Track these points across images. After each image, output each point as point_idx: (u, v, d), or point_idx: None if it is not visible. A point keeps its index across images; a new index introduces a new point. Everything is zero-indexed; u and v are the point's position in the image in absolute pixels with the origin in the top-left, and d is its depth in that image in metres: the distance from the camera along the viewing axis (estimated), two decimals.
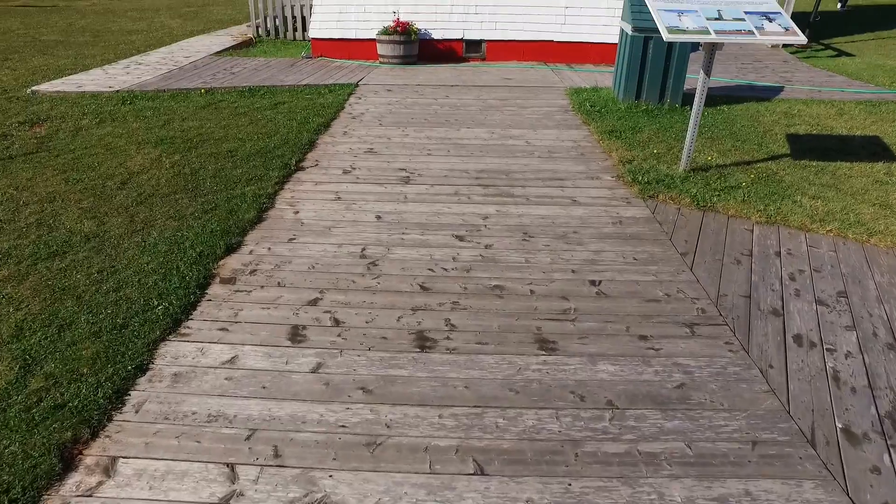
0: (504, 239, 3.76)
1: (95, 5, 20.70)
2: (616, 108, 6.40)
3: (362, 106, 6.63)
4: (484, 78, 8.07)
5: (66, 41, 12.24)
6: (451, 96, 7.03)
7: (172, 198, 4.32)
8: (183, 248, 3.61)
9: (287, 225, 3.94)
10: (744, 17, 3.98)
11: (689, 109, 6.46)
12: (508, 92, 7.29)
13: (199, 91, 7.40)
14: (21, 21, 15.53)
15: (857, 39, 13.47)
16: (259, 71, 8.59)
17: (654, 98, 6.50)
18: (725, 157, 5.14)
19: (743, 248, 3.73)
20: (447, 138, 5.55)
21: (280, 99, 6.93)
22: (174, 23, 15.30)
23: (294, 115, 6.22)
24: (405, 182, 4.57)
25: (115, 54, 10.52)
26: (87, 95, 7.38)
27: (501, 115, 6.27)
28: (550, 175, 4.73)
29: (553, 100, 6.97)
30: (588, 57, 9.39)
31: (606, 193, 4.44)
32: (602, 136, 5.57)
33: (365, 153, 5.19)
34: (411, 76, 8.16)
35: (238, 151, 5.21)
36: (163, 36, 12.80)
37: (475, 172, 4.76)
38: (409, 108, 6.52)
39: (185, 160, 5.06)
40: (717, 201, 4.28)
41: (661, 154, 5.12)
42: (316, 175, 4.72)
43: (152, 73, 8.60)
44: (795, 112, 6.68)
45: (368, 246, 3.66)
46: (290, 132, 5.67)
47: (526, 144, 5.43)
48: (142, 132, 5.91)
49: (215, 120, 6.22)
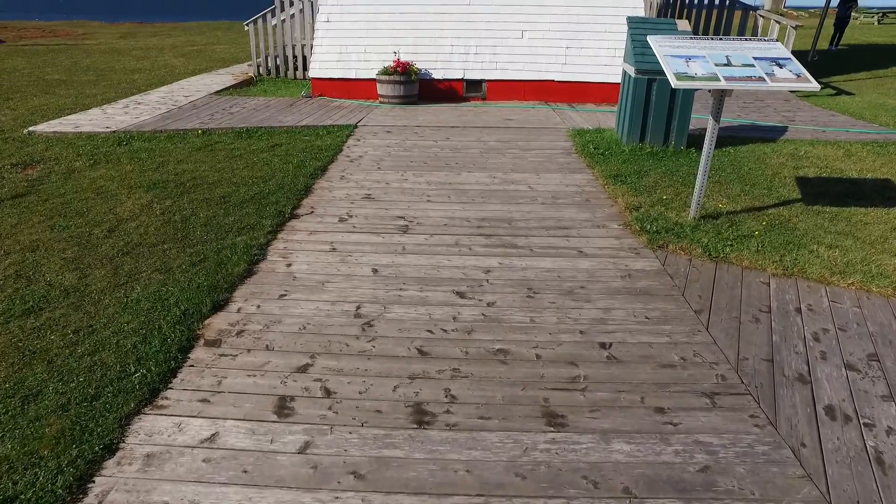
0: (507, 296, 3.55)
1: (101, 44, 20.98)
2: (620, 151, 6.26)
3: (361, 148, 6.50)
4: (485, 118, 7.98)
5: (69, 80, 12.28)
6: (451, 138, 6.92)
7: (160, 248, 4.13)
8: (167, 305, 3.40)
9: (278, 279, 3.74)
10: (753, 63, 3.85)
11: (695, 151, 6.38)
12: (510, 133, 7.18)
13: (196, 132, 7.30)
14: (27, 60, 15.67)
15: (854, 78, 13.52)
16: (258, 111, 8.52)
17: (659, 140, 6.37)
18: (735, 202, 4.96)
19: (760, 304, 3.51)
20: (447, 183, 5.39)
21: (277, 140, 6.82)
22: (177, 62, 15.42)
23: (291, 159, 6.08)
24: (403, 231, 4.38)
25: (116, 93, 10.51)
26: (84, 136, 7.28)
27: (503, 159, 6.13)
28: (555, 223, 4.55)
29: (555, 142, 6.85)
30: (589, 96, 9.34)
31: (614, 243, 4.25)
32: (607, 181, 5.42)
33: (362, 199, 5.02)
34: (411, 117, 8.08)
35: (231, 197, 5.05)
36: (165, 75, 12.85)
37: (476, 221, 4.58)
38: (408, 151, 6.39)
39: (176, 206, 4.90)
40: (729, 252, 4.09)
41: (669, 200, 4.95)
42: (311, 223, 4.54)
43: (151, 112, 8.54)
44: (802, 153, 6.55)
45: (364, 304, 3.45)
46: (286, 176, 5.52)
47: (529, 190, 5.26)
48: (135, 175, 5.77)
49: (210, 163, 6.09)
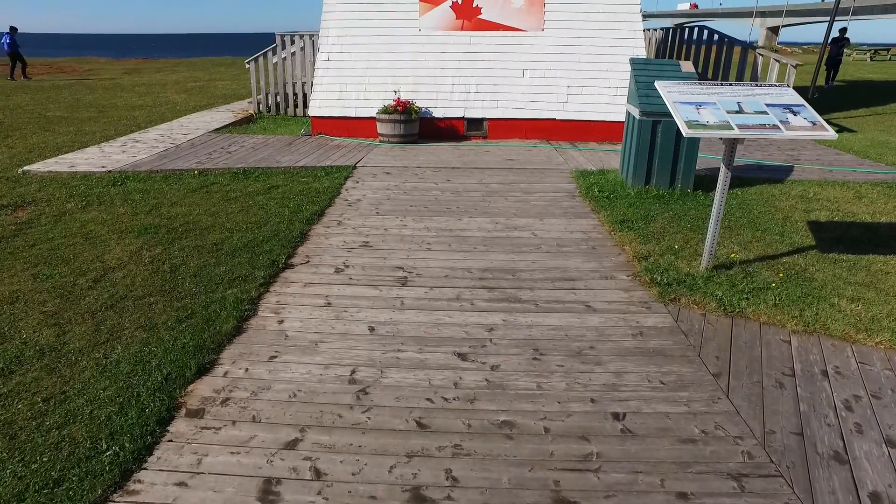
0: (512, 358, 3.32)
1: (106, 80, 21.16)
2: (625, 194, 6.10)
3: (359, 191, 6.35)
4: (486, 159, 7.86)
5: (70, 117, 12.26)
6: (452, 180, 6.77)
7: (146, 301, 3.93)
8: (148, 368, 3.17)
9: (269, 338, 3.52)
10: (766, 110, 3.70)
11: (702, 194, 6.22)
12: (512, 175, 7.04)
13: (193, 172, 7.17)
14: (31, 97, 15.72)
15: (854, 115, 13.52)
16: (256, 150, 8.42)
17: (665, 183, 6.22)
18: (748, 250, 4.77)
19: (783, 367, 3.28)
20: (448, 229, 5.21)
21: (274, 182, 6.67)
22: (179, 98, 15.47)
23: (287, 202, 5.92)
24: (402, 284, 4.18)
25: (116, 130, 10.45)
26: (79, 176, 7.15)
27: (505, 202, 5.97)
28: (560, 274, 4.35)
29: (559, 183, 6.70)
30: (591, 135, 9.26)
31: (623, 297, 4.04)
32: (613, 227, 5.23)
33: (360, 247, 4.83)
34: (411, 157, 7.96)
35: (224, 244, 4.86)
36: (165, 112, 12.84)
37: (478, 272, 4.38)
38: (408, 194, 6.23)
39: (166, 254, 4.71)
40: (745, 306, 3.87)
41: (679, 248, 4.76)
42: (305, 274, 4.34)
43: (148, 151, 8.44)
44: (812, 195, 6.39)
45: (359, 367, 3.22)
46: (282, 222, 5.34)
47: (532, 236, 5.08)
48: (127, 218, 5.60)
49: (205, 205, 5.93)
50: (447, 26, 9.13)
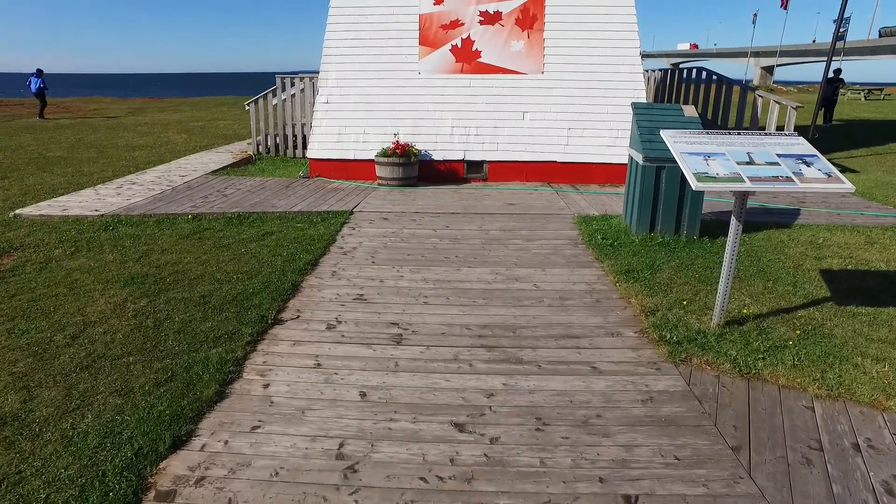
0: (513, 428, 3.07)
1: (109, 120, 21.32)
2: (630, 242, 5.92)
3: (355, 238, 6.17)
4: (486, 203, 7.70)
5: (70, 157, 12.22)
6: (451, 226, 6.60)
7: (124, 362, 3.69)
8: (118, 441, 2.92)
9: (253, 405, 3.27)
10: (777, 161, 3.54)
11: (708, 241, 6.03)
12: (513, 220, 6.87)
13: (187, 217, 7.01)
14: (34, 137, 15.77)
15: (854, 154, 13.48)
16: (253, 193, 8.29)
17: (670, 230, 6.04)
18: (760, 303, 4.55)
19: (809, 438, 3.02)
20: (446, 281, 5.00)
21: (269, 228, 6.51)
22: (179, 138, 15.49)
23: (280, 250, 5.73)
24: (397, 342, 3.94)
25: (113, 172, 10.38)
26: (70, 220, 7.00)
27: (506, 251, 5.78)
28: (564, 331, 4.12)
29: (561, 230, 6.52)
30: (592, 177, 9.14)
31: (630, 356, 3.80)
32: (618, 277, 5.02)
33: (353, 301, 4.61)
34: (410, 201, 7.81)
35: (212, 297, 4.65)
36: (165, 152, 12.81)
37: (477, 328, 4.15)
38: (405, 242, 6.05)
39: (151, 307, 4.49)
40: (762, 367, 3.63)
41: (688, 301, 4.54)
42: (296, 331, 4.11)
43: (144, 194, 8.32)
44: (821, 241, 6.20)
45: (348, 440, 2.97)
46: (274, 272, 5.14)
47: (534, 289, 4.86)
48: (114, 267, 5.41)
49: (196, 253, 5.74)
50: (447, 69, 9.12)
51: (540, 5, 8.95)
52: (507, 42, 9.03)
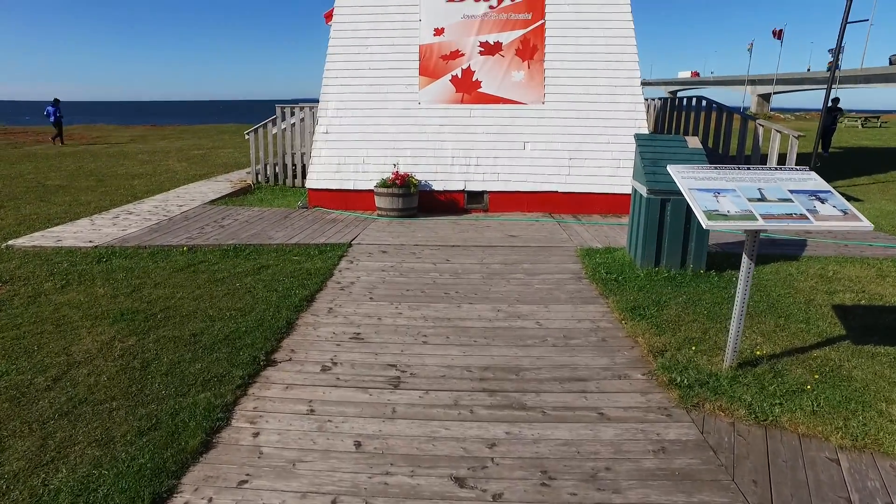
0: (517, 483, 2.87)
1: (111, 148, 21.37)
2: (634, 276, 5.76)
3: (353, 272, 6.02)
4: (487, 235, 7.57)
5: (69, 186, 12.16)
6: (451, 259, 6.45)
7: (107, 407, 3.51)
8: (92, 499, 2.72)
9: (241, 457, 3.08)
10: (790, 198, 3.41)
11: (715, 274, 5.87)
12: (514, 253, 6.73)
13: (181, 249, 6.88)
14: (34, 165, 15.75)
15: (857, 183, 13.42)
16: (250, 224, 8.17)
17: (676, 263, 5.89)
18: (772, 342, 4.37)
19: (836, 496, 2.82)
20: (446, 318, 4.83)
21: (265, 261, 6.36)
22: (179, 166, 15.47)
23: (276, 285, 5.58)
24: (395, 386, 3.76)
25: (111, 201, 10.29)
26: (63, 251, 6.87)
27: (508, 286, 5.62)
28: (569, 374, 3.94)
29: (564, 263, 6.37)
30: (594, 207, 9.04)
31: (640, 401, 3.62)
32: (624, 314, 4.86)
33: (350, 340, 4.44)
34: (409, 233, 7.68)
35: (203, 335, 4.48)
36: (164, 181, 12.76)
37: (479, 371, 3.97)
38: (404, 276, 5.89)
39: (139, 346, 4.32)
40: (780, 413, 3.44)
41: (697, 340, 4.36)
42: (289, 374, 3.93)
43: (140, 224, 8.20)
44: (831, 274, 6.04)
45: (341, 497, 2.77)
46: (268, 309, 4.98)
47: (537, 327, 4.69)
48: (104, 301, 5.25)
49: (189, 288, 5.59)
50: (447, 99, 9.09)
51: (540, 36, 8.96)
52: (508, 72, 9.01)
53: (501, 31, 8.99)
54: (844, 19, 12.27)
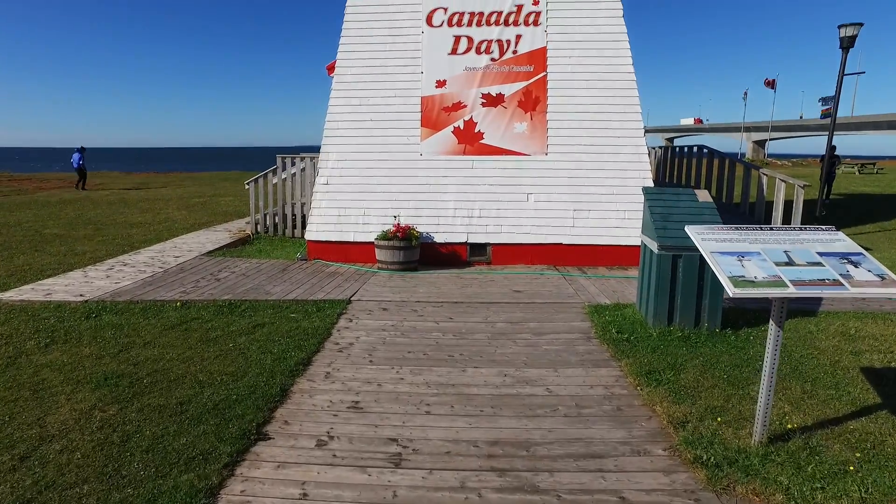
0: None
1: (111, 194, 21.38)
2: (647, 335, 5.49)
3: (352, 332, 5.74)
4: (491, 290, 7.32)
5: (66, 235, 12.00)
6: (454, 318, 6.18)
7: (76, 493, 3.18)
8: None
9: None
10: (820, 261, 3.18)
11: (731, 333, 5.60)
12: (520, 310, 6.47)
13: (175, 304, 6.63)
14: (35, 212, 15.67)
15: (863, 231, 13.27)
16: (247, 277, 7.94)
17: (690, 321, 5.63)
18: (802, 411, 4.07)
19: None
20: (450, 384, 4.54)
21: (260, 319, 6.10)
22: (179, 214, 15.37)
23: (271, 346, 5.30)
24: (396, 464, 3.44)
25: (107, 251, 10.10)
26: (52, 306, 6.62)
27: (514, 347, 5.33)
28: (584, 449, 3.62)
29: (572, 321, 6.10)
30: (600, 259, 8.82)
31: (663, 483, 3.29)
32: (639, 379, 4.56)
33: (348, 410, 4.13)
34: (411, 288, 7.43)
35: (191, 404, 4.18)
36: (162, 230, 12.61)
37: (486, 446, 3.65)
38: (406, 336, 5.61)
39: (121, 416, 4.02)
40: (823, 500, 3.10)
41: (720, 409, 4.06)
42: (281, 449, 3.62)
43: (134, 276, 7.98)
44: (853, 332, 5.78)
45: None
46: (262, 373, 4.69)
47: (547, 394, 4.39)
48: (89, 363, 4.97)
49: (180, 348, 5.31)
50: (449, 151, 9.01)
51: (543, 88, 8.95)
52: (510, 124, 8.96)
53: (504, 83, 9.00)
54: (841, 72, 12.39)
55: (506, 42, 9.00)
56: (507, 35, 9.01)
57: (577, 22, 8.98)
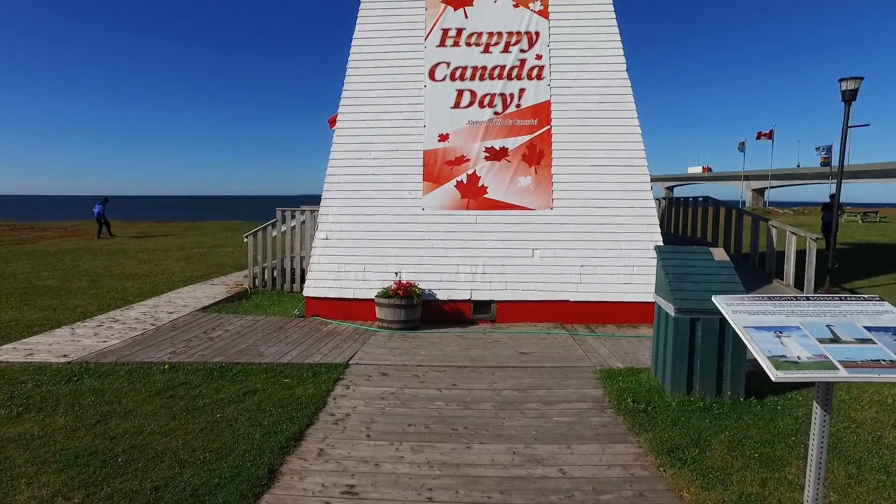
0: None
1: (112, 244, 21.21)
2: (665, 405, 5.10)
3: (349, 401, 5.35)
4: (496, 353, 6.94)
5: (60, 287, 11.72)
6: (458, 384, 5.79)
7: None
8: None
9: None
10: (869, 337, 2.85)
11: (756, 402, 5.20)
12: (528, 375, 6.08)
13: (162, 367, 6.27)
14: (31, 263, 15.44)
15: (877, 283, 12.93)
16: (242, 336, 7.59)
17: (711, 389, 5.25)
18: (850, 500, 3.65)
19: None
20: (454, 465, 4.12)
21: (252, 384, 5.72)
22: (177, 266, 15.11)
23: (261, 416, 4.91)
24: None
25: (99, 306, 9.78)
26: (32, 368, 6.26)
27: (523, 419, 4.93)
28: None
29: (583, 388, 5.71)
30: (609, 317, 8.48)
31: None
32: (661, 458, 4.16)
33: (342, 496, 3.72)
34: (412, 350, 7.05)
35: (168, 489, 3.77)
36: (159, 283, 12.32)
37: None
38: (406, 406, 5.22)
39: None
40: None
41: (756, 497, 3.66)
42: None
43: (123, 335, 7.64)
44: (890, 401, 5.39)
45: None
46: (250, 450, 4.29)
47: (561, 476, 3.98)
48: (61, 437, 4.58)
49: (163, 418, 4.92)
50: (452, 205, 8.80)
51: (547, 142, 8.82)
52: (515, 178, 8.79)
53: (507, 137, 8.87)
54: (845, 124, 12.32)
55: (509, 96, 8.93)
56: (510, 89, 8.94)
57: (581, 76, 8.93)
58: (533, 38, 8.98)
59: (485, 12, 9.06)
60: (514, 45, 8.99)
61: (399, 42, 9.16)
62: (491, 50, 9.00)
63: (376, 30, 9.20)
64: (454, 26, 9.08)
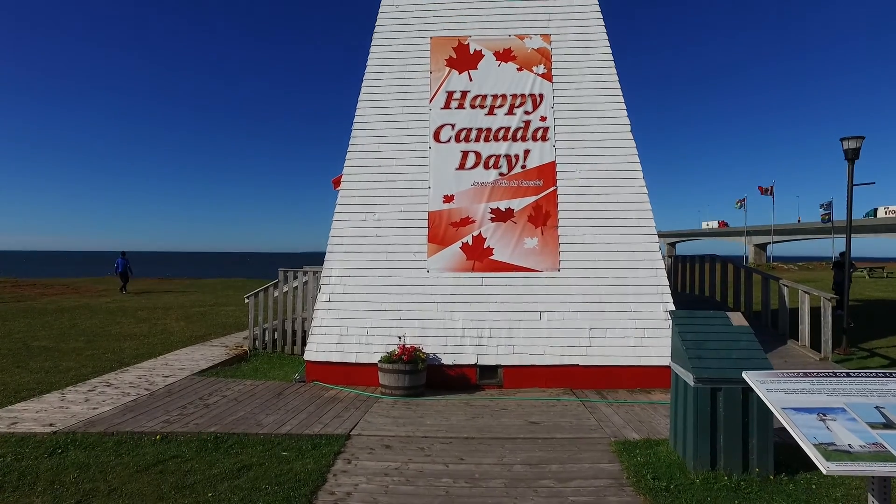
0: None
1: (112, 302, 20.99)
2: (689, 483, 4.76)
3: (350, 477, 5.00)
4: (504, 422, 6.60)
5: (55, 348, 11.44)
6: (465, 458, 5.45)
7: None
8: None
9: None
10: None
11: (787, 479, 4.83)
12: (539, 449, 5.73)
13: (153, 437, 5.95)
14: (28, 322, 15.21)
15: (894, 343, 12.58)
16: (239, 403, 7.28)
17: (737, 465, 4.91)
18: None
19: None
20: None
21: (247, 458, 5.39)
22: (177, 326, 14.86)
23: (255, 497, 4.58)
24: None
25: (93, 368, 9.49)
26: (14, 439, 5.96)
27: (536, 499, 4.57)
28: None
29: (599, 463, 5.36)
30: (620, 382, 8.16)
31: None
32: None
33: None
34: (417, 419, 6.72)
35: None
36: (157, 343, 12.05)
37: None
38: (411, 484, 4.87)
39: None
40: None
41: None
42: None
43: (115, 401, 7.35)
44: None
45: None
46: None
47: None
48: None
49: (150, 498, 4.61)
50: (457, 267, 8.64)
51: (553, 203, 8.75)
52: (521, 239, 8.67)
53: (513, 198, 8.81)
54: (850, 183, 12.30)
55: (514, 157, 8.93)
56: (515, 150, 8.96)
57: (586, 137, 8.95)
58: (537, 101, 9.07)
59: (489, 75, 9.19)
60: (518, 108, 9.07)
61: (404, 104, 9.25)
62: (495, 112, 9.08)
63: (382, 92, 9.32)
64: (459, 89, 9.19)
